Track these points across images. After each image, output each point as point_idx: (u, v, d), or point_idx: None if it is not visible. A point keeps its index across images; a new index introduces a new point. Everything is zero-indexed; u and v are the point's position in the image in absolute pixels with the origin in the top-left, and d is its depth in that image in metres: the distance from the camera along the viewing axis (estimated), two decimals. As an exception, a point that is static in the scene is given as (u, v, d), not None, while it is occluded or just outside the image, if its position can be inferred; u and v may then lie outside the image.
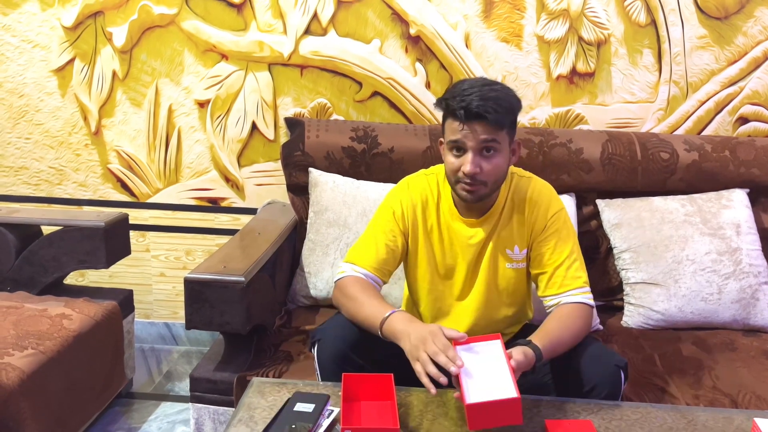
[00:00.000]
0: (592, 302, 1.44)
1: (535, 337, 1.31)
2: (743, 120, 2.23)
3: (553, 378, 1.38)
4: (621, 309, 2.00)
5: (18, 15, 2.30)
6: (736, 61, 2.18)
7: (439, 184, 1.51)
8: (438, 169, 1.54)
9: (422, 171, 1.57)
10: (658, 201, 2.02)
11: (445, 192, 1.50)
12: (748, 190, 2.05)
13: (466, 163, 1.35)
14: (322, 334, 1.41)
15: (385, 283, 1.49)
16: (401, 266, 1.56)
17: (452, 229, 1.49)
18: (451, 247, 1.49)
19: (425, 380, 1.18)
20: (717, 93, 2.20)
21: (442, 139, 1.45)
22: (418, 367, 1.20)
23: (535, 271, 1.49)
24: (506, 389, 1.15)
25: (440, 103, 1.40)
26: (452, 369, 1.16)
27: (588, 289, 1.45)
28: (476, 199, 1.41)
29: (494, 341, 1.26)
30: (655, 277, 1.92)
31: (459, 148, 1.36)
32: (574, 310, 1.40)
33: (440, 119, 2.21)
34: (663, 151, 2.06)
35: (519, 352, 1.23)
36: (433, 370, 1.17)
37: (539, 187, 1.50)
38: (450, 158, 1.39)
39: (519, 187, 1.49)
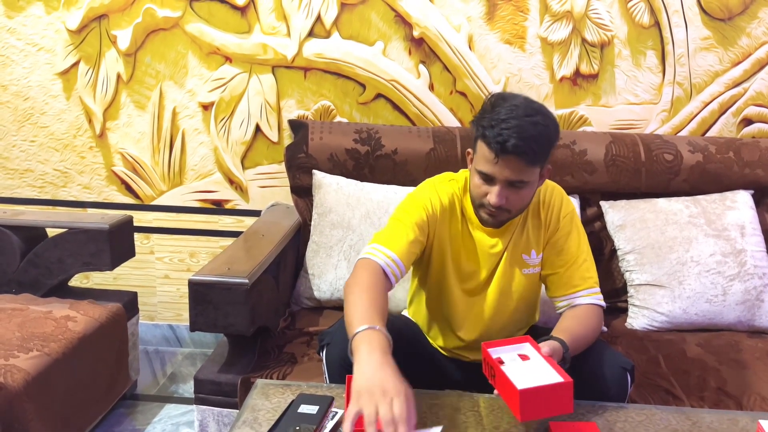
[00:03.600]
0: (602, 303, 1.44)
1: (556, 334, 1.31)
2: (747, 121, 2.22)
3: None
4: (625, 311, 2.00)
5: (23, 18, 2.31)
6: (740, 63, 2.18)
7: (461, 190, 1.49)
8: (459, 176, 1.51)
9: (446, 176, 1.53)
10: (662, 202, 2.02)
11: (467, 200, 1.47)
12: (752, 192, 2.05)
13: (493, 193, 1.32)
14: (330, 337, 1.40)
15: (405, 272, 1.41)
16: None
17: (474, 237, 1.47)
18: (473, 254, 1.48)
19: (347, 426, 0.99)
20: (721, 94, 2.20)
21: (470, 151, 1.41)
22: (351, 412, 1.00)
23: (545, 272, 1.48)
24: (555, 376, 1.15)
25: (477, 129, 1.33)
26: None
27: (598, 290, 1.45)
28: (497, 224, 1.41)
29: (524, 344, 1.27)
30: (660, 279, 1.92)
31: (488, 178, 1.33)
32: (587, 310, 1.40)
33: (445, 122, 2.24)
34: (667, 152, 2.05)
35: (547, 346, 1.23)
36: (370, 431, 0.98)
37: (551, 189, 1.50)
38: (477, 181, 1.35)
39: None
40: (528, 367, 1.20)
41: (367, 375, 1.05)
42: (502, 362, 1.23)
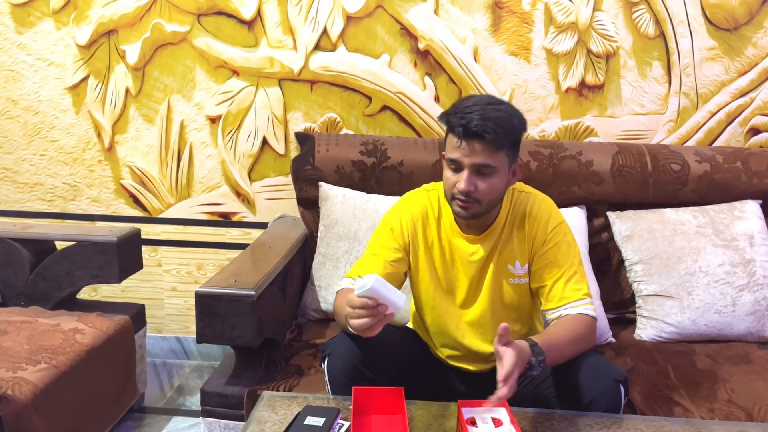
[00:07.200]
0: (593, 313, 1.41)
1: (534, 338, 1.30)
2: (755, 131, 2.21)
3: (555, 392, 1.37)
4: (633, 322, 1.98)
5: (33, 34, 2.34)
6: (746, 72, 2.17)
7: (440, 199, 1.51)
8: (439, 186, 1.53)
9: (424, 187, 1.56)
10: (669, 213, 2.01)
11: (446, 208, 1.49)
12: (760, 201, 2.04)
13: (461, 180, 1.35)
14: (332, 348, 1.40)
15: None
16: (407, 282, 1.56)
17: (453, 245, 1.48)
18: (453, 262, 1.49)
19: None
20: (728, 104, 2.20)
21: (444, 153, 1.45)
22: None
23: (535, 285, 1.47)
24: None
25: (442, 117, 1.39)
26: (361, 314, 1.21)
27: (589, 300, 1.42)
28: (470, 216, 1.40)
29: (501, 408, 1.23)
30: (668, 290, 1.90)
31: (456, 165, 1.36)
32: (574, 318, 1.39)
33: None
34: (674, 162, 2.05)
35: (512, 347, 1.20)
36: (354, 324, 1.22)
37: (539, 201, 1.49)
38: (447, 174, 1.39)
39: (519, 202, 1.49)
40: None
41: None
42: (474, 423, 1.20)
